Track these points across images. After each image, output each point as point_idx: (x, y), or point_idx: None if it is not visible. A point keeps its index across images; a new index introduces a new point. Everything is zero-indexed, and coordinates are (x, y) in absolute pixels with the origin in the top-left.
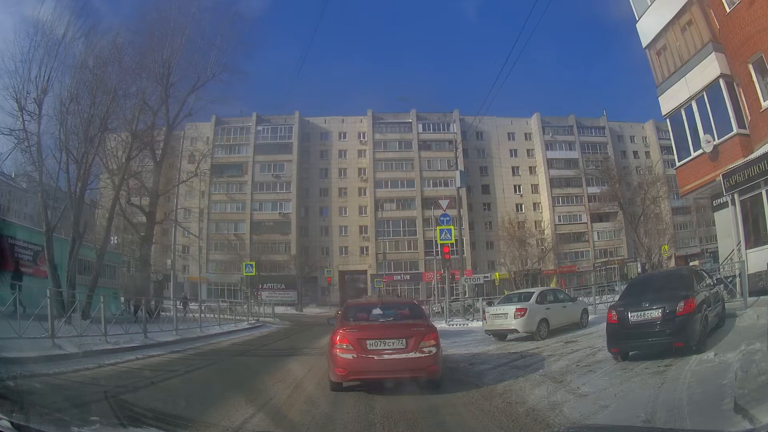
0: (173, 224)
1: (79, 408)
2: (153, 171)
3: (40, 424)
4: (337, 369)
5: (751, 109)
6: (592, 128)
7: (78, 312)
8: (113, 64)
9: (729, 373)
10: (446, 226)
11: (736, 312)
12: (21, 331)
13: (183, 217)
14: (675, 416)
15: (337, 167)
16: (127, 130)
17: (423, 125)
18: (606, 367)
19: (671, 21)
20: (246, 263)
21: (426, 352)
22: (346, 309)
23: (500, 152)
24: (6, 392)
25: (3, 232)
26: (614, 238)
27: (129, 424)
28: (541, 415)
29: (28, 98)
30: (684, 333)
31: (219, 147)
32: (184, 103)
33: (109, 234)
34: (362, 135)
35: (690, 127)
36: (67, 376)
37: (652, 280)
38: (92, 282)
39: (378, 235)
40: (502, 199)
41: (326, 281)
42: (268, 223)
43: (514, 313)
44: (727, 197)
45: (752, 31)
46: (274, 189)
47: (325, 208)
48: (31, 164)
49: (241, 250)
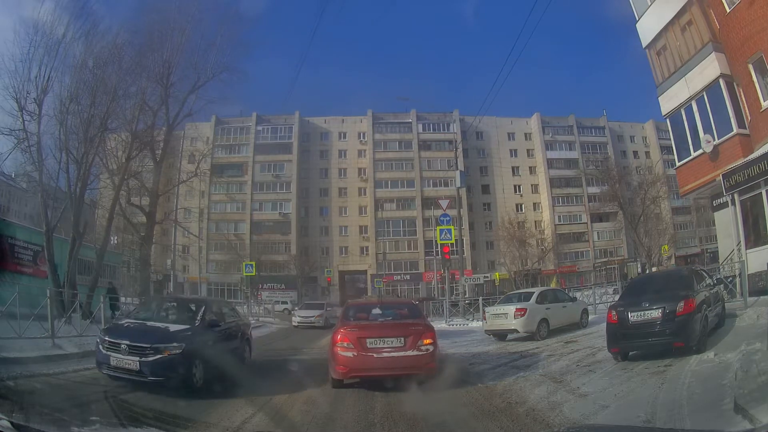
0: (173, 224)
1: (79, 408)
2: (153, 171)
3: (40, 424)
4: (338, 366)
5: (751, 109)
6: (592, 128)
7: (78, 312)
8: (113, 64)
9: (729, 373)
10: (446, 226)
11: (736, 312)
12: (21, 331)
13: (183, 217)
14: (675, 416)
15: (337, 167)
16: (127, 130)
17: (423, 125)
18: (606, 367)
19: (671, 21)
20: (246, 263)
21: (423, 350)
22: (347, 309)
23: (500, 152)
24: (6, 392)
25: (3, 232)
26: (614, 238)
27: (129, 424)
28: (541, 415)
29: (28, 98)
30: (684, 333)
31: (219, 147)
32: (184, 103)
33: (109, 234)
34: (362, 135)
35: (690, 127)
36: (67, 376)
37: (652, 280)
38: (92, 282)
39: (378, 235)
40: (502, 199)
41: (326, 281)
42: (268, 223)
43: (514, 313)
44: (727, 197)
45: (752, 31)
46: (274, 189)
47: (325, 208)
48: (31, 164)
49: (241, 250)
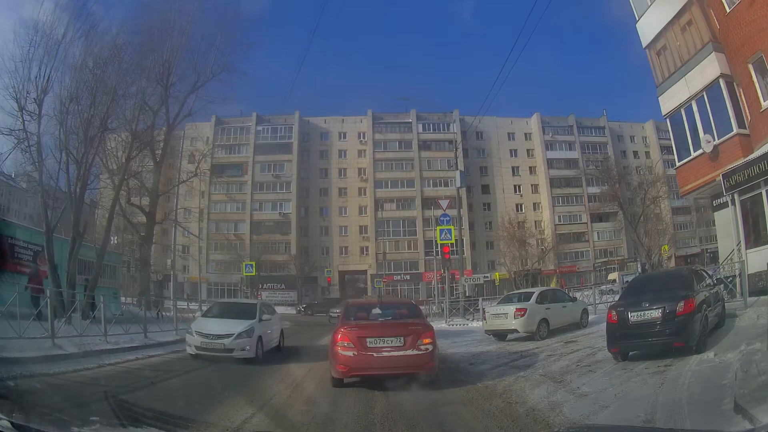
0: (173, 224)
1: (79, 408)
2: (153, 171)
3: (40, 424)
4: (339, 366)
5: (751, 109)
6: (592, 128)
7: (78, 312)
8: (113, 65)
9: (729, 373)
10: (446, 226)
11: (736, 312)
12: (21, 331)
13: (183, 217)
14: (675, 416)
15: (337, 167)
16: (127, 130)
17: (423, 125)
18: (606, 367)
19: (671, 21)
20: (246, 263)
21: (423, 350)
22: (347, 309)
23: (500, 152)
24: (6, 392)
25: (3, 232)
26: (614, 238)
27: (129, 424)
28: (541, 415)
29: (28, 98)
30: (684, 333)
31: (219, 147)
32: (184, 103)
33: (109, 234)
34: (362, 135)
35: (690, 127)
36: (67, 376)
37: (652, 280)
38: (92, 282)
39: (378, 235)
40: (502, 199)
41: (326, 281)
42: (268, 223)
43: (514, 313)
44: (727, 197)
45: (752, 31)
46: (274, 189)
47: (325, 208)
48: (31, 164)
49: (241, 250)
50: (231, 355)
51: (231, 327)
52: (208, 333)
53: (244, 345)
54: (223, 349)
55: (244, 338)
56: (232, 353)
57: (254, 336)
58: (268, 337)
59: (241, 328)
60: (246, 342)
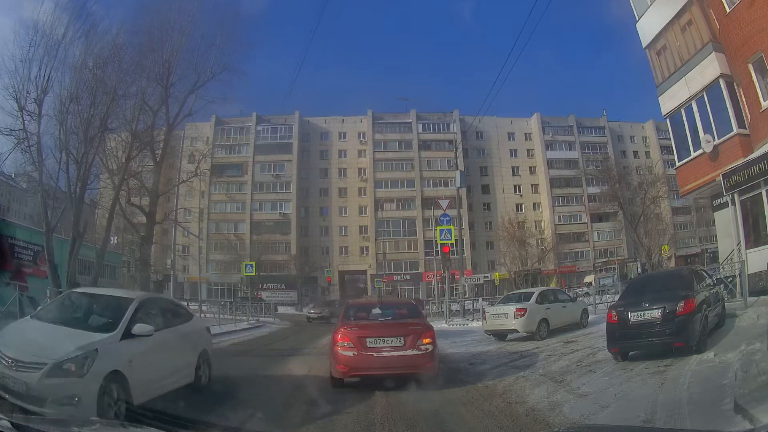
0: (173, 224)
1: None
2: (153, 171)
3: (40, 424)
4: (339, 366)
5: (751, 109)
6: (592, 128)
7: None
8: (113, 64)
9: (729, 373)
10: (446, 226)
11: (736, 312)
12: None
13: (183, 217)
14: (675, 416)
15: (337, 167)
16: (127, 130)
17: (423, 125)
18: (606, 367)
19: (671, 21)
20: (246, 263)
21: (423, 350)
22: (347, 309)
23: (500, 152)
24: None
25: (3, 232)
26: (614, 238)
27: (129, 424)
28: (541, 415)
29: (28, 98)
30: (684, 333)
31: (219, 147)
32: (184, 103)
33: (109, 234)
34: (362, 135)
35: (690, 127)
36: None
37: (652, 280)
38: (92, 282)
39: (378, 235)
40: (502, 199)
41: (326, 281)
42: (268, 223)
43: (514, 313)
44: (727, 197)
45: (752, 31)
46: (274, 189)
47: (325, 208)
48: (31, 164)
49: (241, 250)
50: (40, 411)
51: (56, 344)
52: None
53: (66, 390)
54: (20, 394)
55: (69, 375)
56: (43, 406)
57: (100, 370)
58: (155, 372)
59: (71, 348)
60: (72, 385)
